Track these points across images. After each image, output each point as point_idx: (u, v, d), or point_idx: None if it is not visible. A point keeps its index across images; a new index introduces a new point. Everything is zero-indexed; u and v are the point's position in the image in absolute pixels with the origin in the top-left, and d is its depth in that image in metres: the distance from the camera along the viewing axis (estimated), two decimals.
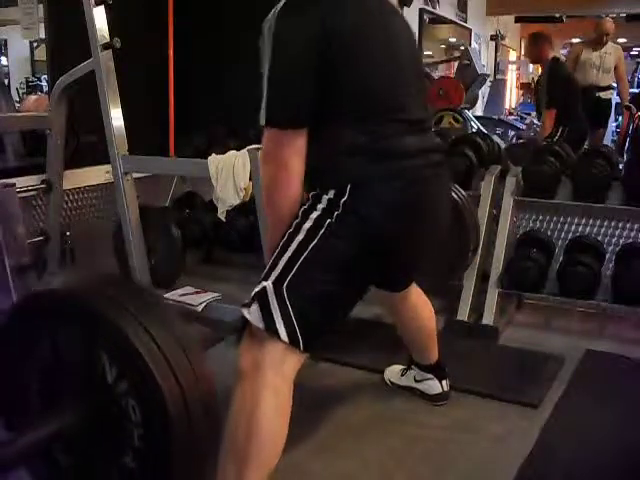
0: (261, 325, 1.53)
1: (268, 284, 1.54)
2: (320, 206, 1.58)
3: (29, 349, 1.38)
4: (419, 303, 2.19)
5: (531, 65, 12.45)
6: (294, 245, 1.56)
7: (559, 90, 4.78)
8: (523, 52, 4.95)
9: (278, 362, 1.54)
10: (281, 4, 1.55)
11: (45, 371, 1.38)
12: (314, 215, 1.57)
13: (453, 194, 2.79)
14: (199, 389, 1.28)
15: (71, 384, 1.34)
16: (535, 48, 5.01)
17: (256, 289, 1.56)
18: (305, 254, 1.54)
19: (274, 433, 1.54)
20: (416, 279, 2.12)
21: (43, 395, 1.39)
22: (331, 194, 1.57)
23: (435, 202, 1.75)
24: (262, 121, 1.54)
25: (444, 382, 2.32)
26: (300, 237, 1.56)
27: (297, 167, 1.54)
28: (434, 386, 2.32)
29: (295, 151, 1.53)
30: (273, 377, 1.53)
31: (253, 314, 1.54)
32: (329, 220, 1.55)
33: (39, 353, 1.37)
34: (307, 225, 1.56)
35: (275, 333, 1.51)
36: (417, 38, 6.84)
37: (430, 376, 2.33)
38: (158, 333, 1.26)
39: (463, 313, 3.04)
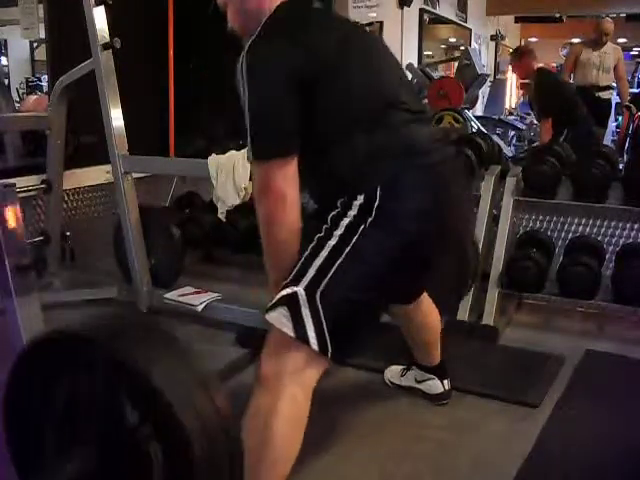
0: (290, 331, 1.49)
1: (300, 290, 1.50)
2: (351, 212, 1.54)
3: (45, 391, 1.33)
4: (427, 305, 2.19)
5: None
6: (326, 250, 1.53)
7: (550, 99, 4.78)
8: (511, 69, 4.92)
9: (300, 371, 1.52)
10: (249, 41, 1.56)
11: (61, 416, 1.32)
12: (345, 222, 1.54)
13: None
14: (223, 431, 1.25)
15: (89, 429, 1.29)
16: (521, 65, 4.96)
17: (283, 293, 1.52)
18: (340, 260, 1.51)
19: (289, 443, 1.53)
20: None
21: (59, 441, 1.33)
22: (361, 199, 1.54)
23: (458, 197, 1.74)
24: (250, 158, 1.54)
25: (445, 381, 2.32)
26: (332, 242, 1.53)
27: (293, 196, 1.53)
28: (435, 386, 2.32)
29: (288, 180, 1.52)
30: (293, 386, 1.52)
31: (280, 320, 1.51)
32: (363, 227, 1.52)
33: (55, 396, 1.32)
34: (339, 232, 1.53)
35: (305, 340, 1.49)
36: (417, 38, 6.85)
37: (431, 376, 2.32)
38: (180, 374, 1.23)
39: (463, 313, 3.03)
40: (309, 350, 1.50)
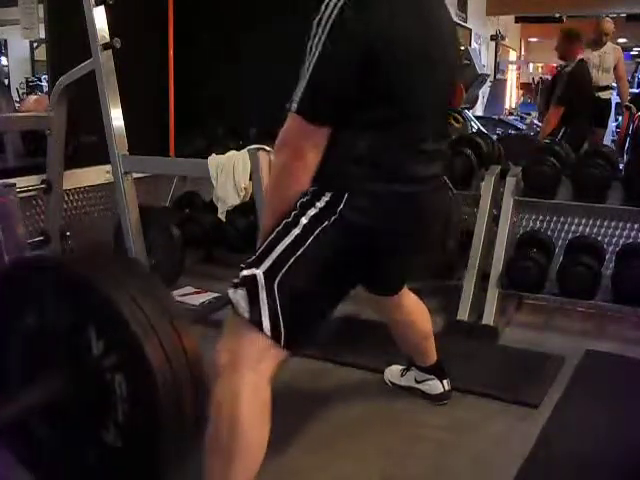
0: (246, 314, 1.52)
1: (259, 273, 1.53)
2: (318, 205, 1.57)
3: (14, 313, 1.34)
4: (412, 307, 2.20)
5: (531, 65, 12.45)
6: (290, 238, 1.55)
7: (573, 91, 4.78)
8: (556, 46, 4.96)
9: (255, 359, 1.53)
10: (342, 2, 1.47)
11: (29, 339, 1.33)
12: (312, 212, 1.56)
13: None
14: (189, 367, 1.25)
15: (55, 354, 1.30)
16: (565, 45, 5.01)
17: (245, 273, 1.55)
18: (300, 251, 1.54)
19: (257, 431, 1.53)
20: (408, 283, 2.13)
21: (25, 364, 1.35)
22: (328, 196, 1.56)
23: (429, 225, 1.77)
24: (292, 107, 1.51)
25: (445, 382, 2.33)
26: (297, 231, 1.55)
27: (313, 161, 1.53)
28: (435, 386, 2.33)
29: (314, 145, 1.51)
30: (251, 374, 1.52)
31: (238, 299, 1.53)
32: (326, 223, 1.55)
33: (24, 319, 1.33)
34: (304, 220, 1.55)
35: (259, 324, 1.50)
36: None
37: (431, 377, 2.33)
38: (148, 307, 1.23)
39: (463, 313, 3.04)
40: (264, 338, 1.51)
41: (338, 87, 1.49)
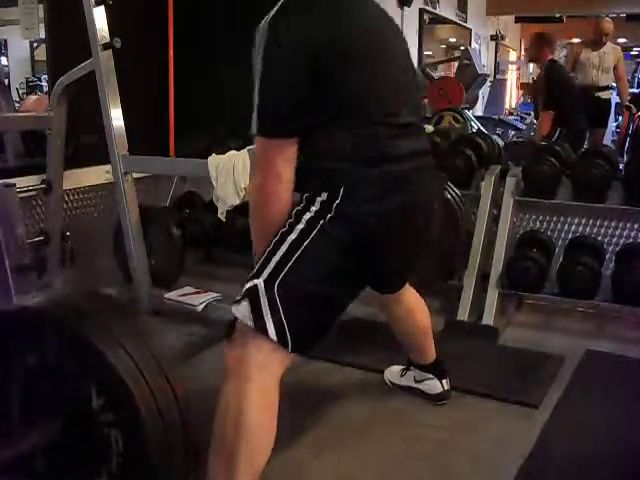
0: (250, 322, 1.52)
1: (259, 282, 1.54)
2: (313, 208, 1.59)
3: (16, 359, 1.37)
4: (412, 303, 2.20)
5: (531, 65, 12.46)
6: (286, 244, 1.56)
7: (556, 92, 4.79)
8: (523, 51, 5.02)
9: (262, 363, 1.54)
10: (272, 13, 1.56)
11: (30, 385, 1.37)
12: (307, 216, 1.58)
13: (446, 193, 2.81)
14: (182, 422, 1.31)
15: (55, 402, 1.34)
16: (535, 48, 5.07)
17: (247, 286, 1.56)
18: (298, 254, 1.55)
19: (262, 432, 1.54)
20: (410, 280, 2.12)
21: (26, 408, 1.39)
22: (324, 196, 1.58)
23: (425, 204, 1.78)
24: (253, 129, 1.56)
25: (444, 381, 2.32)
26: (293, 236, 1.57)
27: (287, 175, 1.55)
28: (435, 386, 2.32)
29: (285, 159, 1.54)
30: (258, 376, 1.53)
31: (242, 311, 1.54)
32: (322, 222, 1.56)
33: (25, 364, 1.36)
34: (300, 226, 1.57)
35: (264, 331, 1.51)
36: (417, 38, 6.84)
37: (430, 376, 2.33)
38: (147, 369, 1.29)
39: (463, 313, 3.04)
40: (271, 343, 1.52)
41: (289, 96, 1.53)
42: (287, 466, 1.92)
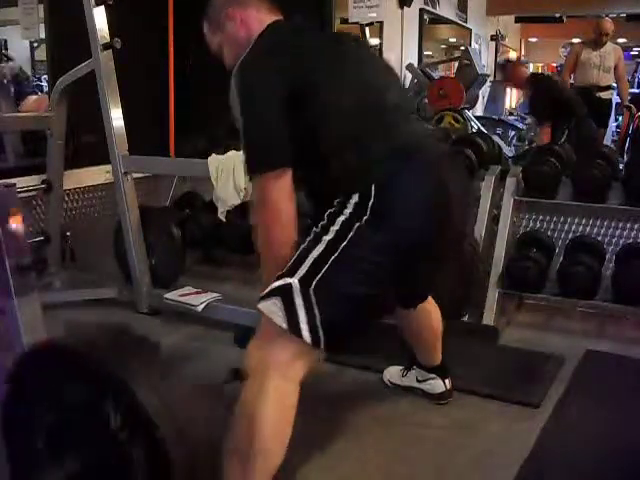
0: (282, 322, 1.51)
1: (294, 281, 1.52)
2: (347, 210, 1.57)
3: (40, 398, 1.36)
4: (428, 304, 2.19)
5: (531, 65, 12.45)
6: (322, 245, 1.55)
7: (545, 104, 4.79)
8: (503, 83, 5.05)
9: (285, 364, 1.53)
10: (242, 57, 1.64)
11: (53, 425, 1.35)
12: (341, 218, 1.57)
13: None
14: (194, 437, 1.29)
15: (80, 435, 1.32)
16: (510, 77, 5.06)
17: (277, 284, 1.54)
18: (335, 255, 1.53)
19: (277, 435, 1.54)
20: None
21: (50, 445, 1.36)
22: (356, 198, 1.56)
23: (454, 190, 1.75)
24: (247, 173, 1.61)
25: (447, 381, 2.32)
26: (329, 237, 1.55)
27: (289, 211, 1.58)
28: (437, 385, 2.32)
29: (283, 193, 1.57)
30: (279, 378, 1.52)
31: (272, 309, 1.52)
32: (358, 223, 1.54)
33: (49, 403, 1.35)
34: (335, 227, 1.56)
35: (297, 331, 1.50)
36: (417, 38, 6.84)
37: (433, 375, 2.33)
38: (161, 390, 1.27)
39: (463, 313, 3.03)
40: (298, 343, 1.52)
41: (275, 129, 1.58)
42: (285, 466, 1.92)
